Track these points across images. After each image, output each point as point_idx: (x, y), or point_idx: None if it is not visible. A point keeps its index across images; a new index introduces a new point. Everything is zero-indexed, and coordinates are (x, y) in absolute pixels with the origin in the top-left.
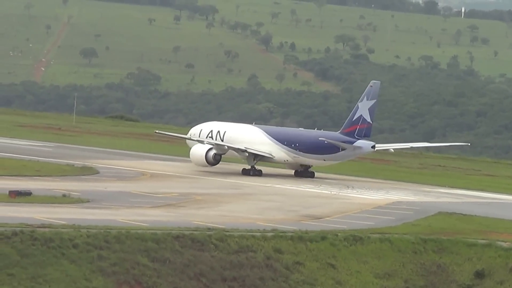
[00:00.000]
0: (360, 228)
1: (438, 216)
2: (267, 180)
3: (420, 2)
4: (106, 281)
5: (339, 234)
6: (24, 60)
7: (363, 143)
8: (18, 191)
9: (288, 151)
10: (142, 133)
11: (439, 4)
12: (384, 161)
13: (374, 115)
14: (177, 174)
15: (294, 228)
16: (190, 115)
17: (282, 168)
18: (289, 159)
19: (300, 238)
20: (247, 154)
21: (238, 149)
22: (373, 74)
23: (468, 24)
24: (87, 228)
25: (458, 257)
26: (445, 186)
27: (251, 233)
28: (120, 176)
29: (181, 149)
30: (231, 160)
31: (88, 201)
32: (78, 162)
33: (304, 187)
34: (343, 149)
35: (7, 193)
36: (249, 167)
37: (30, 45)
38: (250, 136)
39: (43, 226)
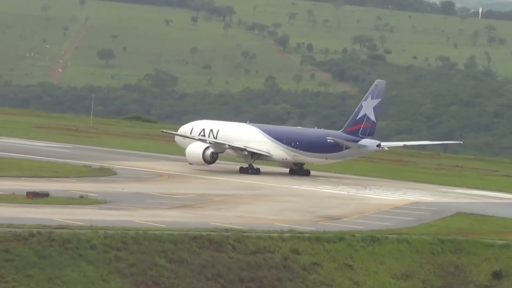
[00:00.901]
0: (378, 229)
1: (455, 216)
2: (284, 181)
3: (437, 2)
4: (123, 282)
5: (356, 234)
6: (41, 61)
7: (368, 142)
8: (35, 192)
9: (287, 149)
10: (159, 134)
11: (456, 4)
12: (402, 161)
13: (379, 114)
14: (195, 175)
15: (312, 228)
16: (208, 116)
17: (275, 165)
18: (288, 157)
19: (318, 239)
20: (246, 153)
21: (237, 147)
22: (390, 74)
23: (485, 25)
24: (104, 229)
25: (475, 258)
26: (463, 187)
27: (269, 234)
28: (138, 177)
29: None
30: (225, 159)
31: (105, 202)
32: (95, 163)
33: (322, 188)
34: (347, 148)
35: (25, 194)
36: (247, 165)
37: (47, 46)
38: (246, 135)
39: (61, 227)
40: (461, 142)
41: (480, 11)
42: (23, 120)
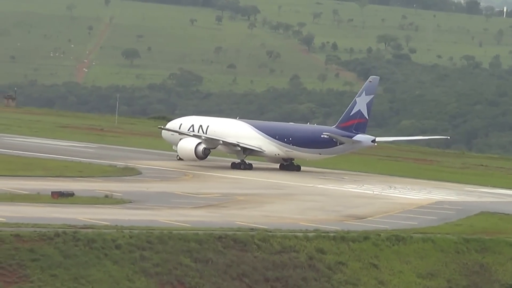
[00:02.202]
0: (403, 228)
1: (480, 215)
2: (309, 180)
3: (462, 1)
4: (148, 281)
5: (381, 234)
6: (66, 61)
7: (363, 137)
8: (60, 192)
9: (280, 145)
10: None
11: (481, 3)
12: (427, 161)
13: (371, 110)
14: (219, 175)
15: (337, 228)
16: (232, 116)
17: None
18: (281, 153)
19: (343, 238)
20: (238, 149)
21: (230, 143)
22: (415, 74)
23: (510, 24)
24: (129, 229)
25: (501, 257)
26: (488, 186)
27: (294, 233)
28: (163, 176)
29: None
30: (215, 155)
31: (130, 202)
32: (120, 163)
33: (347, 187)
34: (341, 143)
35: (50, 194)
36: (239, 161)
37: (72, 46)
38: (237, 131)
39: (86, 227)
40: (448, 137)
41: (505, 10)
42: (48, 120)
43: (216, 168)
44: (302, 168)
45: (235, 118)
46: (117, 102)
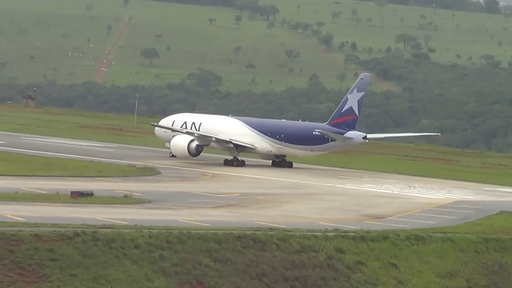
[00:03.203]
0: (422, 228)
1: (500, 215)
2: (328, 180)
3: (481, 1)
4: (168, 281)
5: (400, 233)
6: (85, 61)
7: (354, 134)
8: (80, 192)
9: (272, 142)
10: None
11: (500, 3)
12: (446, 160)
13: (362, 107)
14: (238, 174)
15: (356, 227)
16: (251, 115)
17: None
18: (273, 149)
19: (362, 237)
20: (231, 145)
21: (223, 140)
22: (434, 73)
23: None
24: (148, 229)
25: None
26: (507, 186)
27: (313, 233)
28: (182, 176)
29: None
30: (208, 152)
31: (149, 202)
32: (139, 163)
33: (366, 186)
34: (332, 140)
35: (69, 194)
36: (231, 157)
37: (91, 45)
38: (230, 128)
39: (105, 226)
40: (439, 134)
41: None
42: (68, 119)
43: (235, 167)
44: (294, 165)
45: (228, 115)
46: (136, 102)
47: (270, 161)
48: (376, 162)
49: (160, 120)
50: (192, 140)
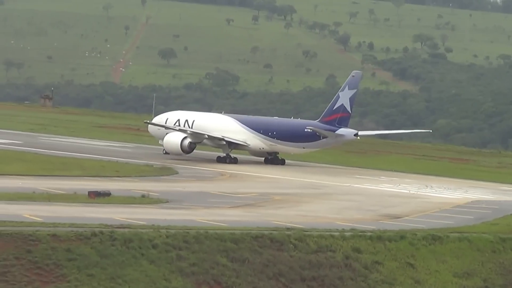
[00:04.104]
0: (439, 227)
1: None
2: (345, 180)
3: (498, 1)
4: (185, 281)
5: (418, 233)
6: (102, 61)
7: (345, 131)
8: (97, 191)
9: (264, 139)
10: None
11: None
12: (463, 160)
13: (353, 104)
14: (256, 174)
15: (373, 227)
16: (269, 115)
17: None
18: (265, 147)
19: (379, 237)
20: (223, 143)
21: (216, 137)
22: (451, 73)
23: None
24: (166, 229)
25: None
26: None
27: (330, 233)
28: (199, 176)
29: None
30: (201, 149)
31: (167, 202)
32: (157, 163)
33: (383, 186)
34: (324, 137)
35: (87, 193)
36: (224, 154)
37: (108, 45)
38: (222, 125)
39: (123, 226)
40: (431, 131)
41: None
42: (85, 119)
43: (252, 167)
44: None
45: (221, 112)
46: (153, 102)
47: (263, 159)
48: (393, 162)
49: (154, 118)
50: (185, 138)
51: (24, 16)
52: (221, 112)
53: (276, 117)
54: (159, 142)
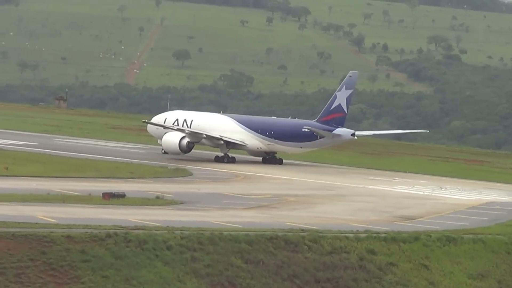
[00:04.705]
0: (453, 229)
1: None
2: (359, 181)
3: None
4: (199, 282)
5: (432, 235)
6: (117, 62)
7: (343, 131)
8: (111, 193)
9: (262, 138)
10: None
11: None
12: (477, 161)
13: (350, 104)
14: (270, 176)
15: (387, 229)
16: (283, 117)
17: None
18: (263, 146)
19: (393, 239)
20: (221, 142)
21: (213, 137)
22: (466, 74)
23: None
24: (180, 230)
25: None
26: None
27: (344, 234)
28: (213, 177)
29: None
30: (199, 148)
31: (181, 203)
32: (171, 164)
33: (397, 188)
34: (321, 137)
35: (101, 195)
36: (222, 154)
37: (123, 47)
38: (220, 125)
39: (137, 228)
40: (428, 131)
41: None
42: (100, 121)
43: (267, 168)
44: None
45: (219, 112)
46: (168, 103)
47: (261, 158)
48: (407, 163)
49: (153, 117)
50: (183, 137)
51: (39, 17)
52: (219, 112)
53: (274, 117)
54: (158, 141)
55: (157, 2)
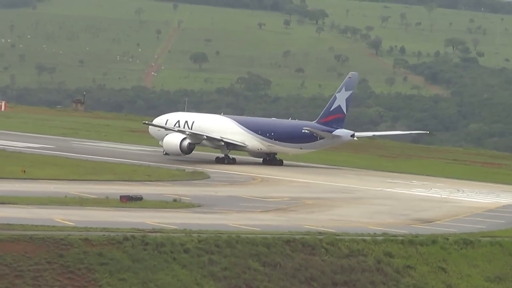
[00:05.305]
0: (471, 232)
1: None
2: (376, 184)
3: None
4: (217, 285)
5: (449, 237)
6: (134, 65)
7: (342, 132)
8: (129, 196)
9: (262, 140)
10: None
11: None
12: (495, 164)
13: (349, 106)
14: (288, 179)
15: (405, 231)
16: (300, 120)
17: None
18: (263, 147)
19: (411, 242)
20: (222, 143)
21: (214, 138)
22: (483, 77)
23: None
24: (198, 233)
25: None
26: None
27: (362, 237)
28: (231, 180)
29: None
30: (200, 150)
31: (199, 206)
32: (188, 167)
33: (415, 190)
34: (321, 138)
35: (118, 198)
36: (223, 155)
37: (140, 50)
38: (221, 126)
39: (154, 231)
40: (428, 132)
41: None
42: (117, 124)
43: (285, 171)
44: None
45: (220, 113)
46: (185, 106)
47: (261, 159)
48: (424, 166)
49: (154, 119)
50: (184, 138)
51: (56, 20)
52: (220, 113)
53: (274, 118)
54: (160, 143)
55: (175, 5)
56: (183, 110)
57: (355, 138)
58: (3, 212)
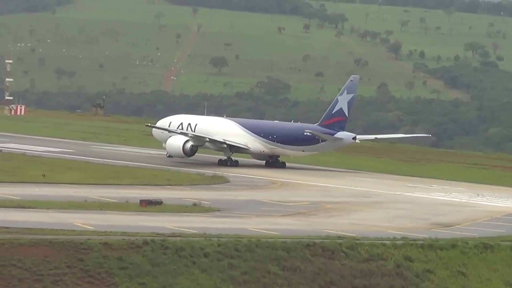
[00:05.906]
0: (491, 236)
1: None
2: (396, 188)
3: None
4: None
5: (469, 242)
6: (154, 69)
7: (344, 135)
8: (149, 200)
9: (265, 142)
10: None
11: None
12: None
13: (351, 109)
14: (307, 183)
15: (424, 236)
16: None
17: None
18: (266, 150)
19: (430, 246)
20: (225, 146)
21: (217, 141)
22: (503, 81)
23: None
24: (217, 237)
25: None
26: None
27: (381, 241)
28: (251, 184)
29: (313, 158)
30: (203, 152)
31: (218, 210)
32: (208, 171)
33: (434, 195)
34: (323, 140)
35: (138, 202)
36: (225, 157)
37: (160, 54)
38: (224, 128)
39: (174, 235)
40: (430, 135)
41: None
42: (137, 128)
43: (305, 175)
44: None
45: (223, 116)
46: (205, 110)
47: (264, 161)
48: (444, 171)
49: (157, 122)
50: (187, 141)
51: (76, 24)
52: (223, 116)
53: (277, 121)
54: (163, 145)
55: (194, 9)
56: (202, 114)
57: (357, 140)
58: (23, 216)
